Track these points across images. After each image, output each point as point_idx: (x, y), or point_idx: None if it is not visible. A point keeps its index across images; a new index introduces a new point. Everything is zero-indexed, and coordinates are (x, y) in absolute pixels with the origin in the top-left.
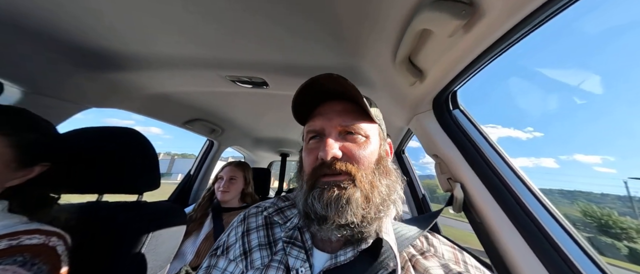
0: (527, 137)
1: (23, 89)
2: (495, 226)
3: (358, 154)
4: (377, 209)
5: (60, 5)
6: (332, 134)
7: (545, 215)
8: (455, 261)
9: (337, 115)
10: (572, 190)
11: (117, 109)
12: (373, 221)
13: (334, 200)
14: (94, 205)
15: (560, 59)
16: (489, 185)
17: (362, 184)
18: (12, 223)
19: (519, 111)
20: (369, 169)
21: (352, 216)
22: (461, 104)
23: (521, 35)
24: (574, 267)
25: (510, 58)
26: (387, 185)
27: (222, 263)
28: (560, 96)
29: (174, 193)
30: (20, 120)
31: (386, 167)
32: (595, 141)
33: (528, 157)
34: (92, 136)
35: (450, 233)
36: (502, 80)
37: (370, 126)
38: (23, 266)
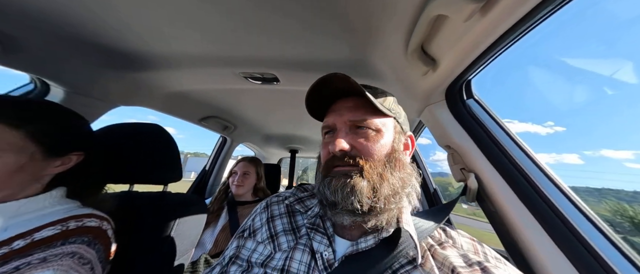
0: (547, 132)
1: (65, 89)
2: (511, 215)
3: (366, 147)
4: (387, 201)
5: (91, 10)
6: (342, 129)
7: (568, 205)
8: (475, 251)
9: (347, 111)
10: (599, 188)
11: (141, 106)
12: (383, 212)
13: (340, 187)
14: (128, 194)
15: (586, 43)
16: (505, 174)
17: (369, 175)
18: (72, 207)
19: (537, 104)
20: (379, 162)
21: (357, 203)
22: (476, 93)
23: (545, 14)
24: (600, 259)
25: (528, 43)
26: (401, 178)
27: (250, 244)
28: (586, 86)
29: (191, 188)
30: (36, 114)
31: (399, 160)
32: (627, 134)
33: (548, 153)
34: (123, 131)
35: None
36: (518, 69)
37: (382, 120)
38: (88, 245)
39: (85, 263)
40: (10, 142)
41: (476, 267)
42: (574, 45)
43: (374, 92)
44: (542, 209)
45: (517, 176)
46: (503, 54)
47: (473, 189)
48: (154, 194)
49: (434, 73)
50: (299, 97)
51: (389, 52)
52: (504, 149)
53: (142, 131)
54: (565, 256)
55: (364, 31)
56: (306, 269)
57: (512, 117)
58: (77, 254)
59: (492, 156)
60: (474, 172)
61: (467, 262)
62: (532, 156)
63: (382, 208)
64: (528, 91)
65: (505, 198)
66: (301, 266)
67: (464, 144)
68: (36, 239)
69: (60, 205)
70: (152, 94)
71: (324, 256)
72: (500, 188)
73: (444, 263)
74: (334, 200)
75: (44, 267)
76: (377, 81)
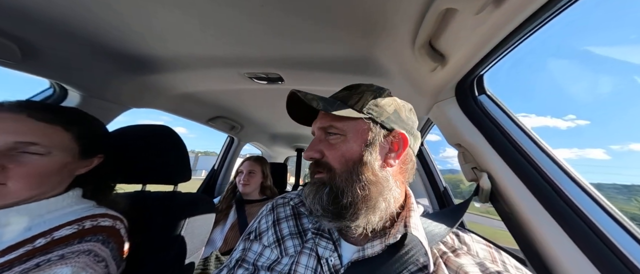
0: (568, 126)
1: (80, 93)
2: (528, 217)
3: (331, 154)
4: (356, 208)
5: (104, 16)
6: (317, 136)
7: (591, 204)
8: (492, 260)
9: (320, 117)
10: (628, 184)
11: (152, 108)
12: (358, 217)
13: (307, 195)
14: (140, 194)
15: (614, 29)
16: (521, 174)
17: (333, 183)
18: (87, 207)
19: (556, 96)
20: (344, 168)
21: (320, 209)
22: (488, 89)
23: (567, 2)
24: (628, 262)
25: (548, 34)
26: (372, 183)
27: (256, 247)
28: (613, 76)
29: (201, 187)
30: (79, 118)
31: (367, 165)
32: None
33: (570, 148)
34: (134, 133)
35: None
36: (536, 60)
37: (348, 124)
38: (103, 243)
39: (100, 261)
40: (63, 142)
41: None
42: (600, 32)
43: (351, 92)
44: (561, 209)
45: (533, 175)
46: (520, 46)
47: (486, 189)
48: (164, 194)
49: (443, 69)
50: None
51: (395, 48)
52: (519, 147)
53: (152, 132)
54: (588, 258)
55: (369, 28)
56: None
57: (528, 111)
58: (92, 252)
59: (506, 154)
60: (487, 171)
61: (485, 271)
62: (550, 153)
63: (353, 213)
64: (547, 83)
65: (521, 198)
66: (307, 271)
67: (476, 142)
68: (56, 237)
69: (77, 205)
70: (161, 95)
71: (329, 262)
72: (515, 188)
73: (458, 272)
74: (307, 206)
75: (63, 264)
76: (383, 79)
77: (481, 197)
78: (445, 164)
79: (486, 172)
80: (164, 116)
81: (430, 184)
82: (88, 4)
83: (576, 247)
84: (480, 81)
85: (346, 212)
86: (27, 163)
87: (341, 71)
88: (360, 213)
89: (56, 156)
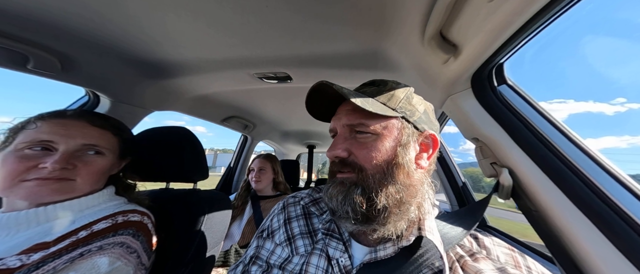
0: (617, 111)
1: (110, 99)
2: (557, 215)
3: (363, 154)
4: (388, 212)
5: (128, 28)
6: (341, 134)
7: (631, 200)
8: (515, 265)
9: (345, 114)
10: None
11: (171, 110)
12: (387, 223)
13: (334, 196)
14: (164, 192)
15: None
16: (547, 169)
17: (365, 184)
18: (119, 203)
19: (598, 79)
20: (377, 169)
21: (351, 211)
22: (509, 78)
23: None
24: None
25: (583, 10)
26: (406, 186)
27: (268, 245)
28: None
29: (219, 183)
30: (120, 125)
31: (401, 167)
32: None
33: (619, 135)
34: (155, 134)
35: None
36: (569, 41)
37: (383, 123)
38: (133, 236)
39: (132, 252)
40: (113, 145)
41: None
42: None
43: (380, 89)
44: (595, 206)
45: (562, 170)
46: (548, 27)
47: (507, 185)
48: (185, 192)
49: (456, 60)
50: None
51: (404, 41)
52: (546, 140)
53: (171, 134)
54: (622, 254)
55: (376, 21)
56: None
57: (565, 97)
58: (125, 244)
59: (530, 148)
60: (508, 166)
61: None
62: (582, 146)
63: (384, 218)
64: (585, 64)
65: (547, 195)
66: (318, 271)
67: (495, 136)
68: (95, 230)
69: (111, 202)
70: (179, 98)
71: (340, 263)
72: (541, 184)
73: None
74: (332, 207)
75: (101, 254)
76: (394, 73)
77: (501, 194)
78: (466, 157)
79: (507, 167)
80: (186, 116)
81: (447, 180)
82: (114, 18)
83: (612, 246)
84: (499, 70)
85: (378, 216)
86: (92, 162)
87: (349, 67)
88: (392, 218)
89: (109, 156)
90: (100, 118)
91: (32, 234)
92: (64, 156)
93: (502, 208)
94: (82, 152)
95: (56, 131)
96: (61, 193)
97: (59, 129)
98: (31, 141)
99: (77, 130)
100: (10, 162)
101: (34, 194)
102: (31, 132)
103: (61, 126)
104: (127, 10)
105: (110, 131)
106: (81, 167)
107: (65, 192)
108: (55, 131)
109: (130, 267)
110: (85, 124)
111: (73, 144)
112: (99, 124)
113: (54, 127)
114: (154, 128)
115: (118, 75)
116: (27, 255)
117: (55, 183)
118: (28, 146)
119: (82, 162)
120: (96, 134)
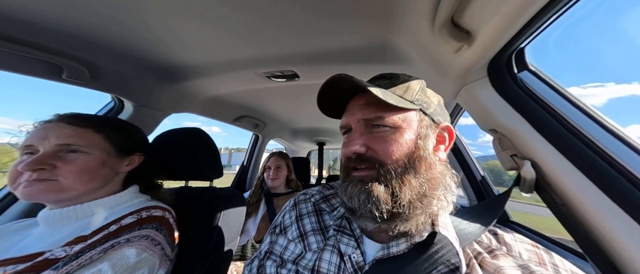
0: None
1: (133, 103)
2: (588, 209)
3: (383, 148)
4: (412, 206)
5: (142, 32)
6: (357, 129)
7: None
8: (539, 262)
9: (359, 109)
10: None
11: (186, 112)
12: (410, 218)
13: (356, 195)
14: (184, 190)
15: None
16: (576, 159)
17: (387, 180)
18: (143, 200)
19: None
20: (399, 164)
21: (375, 210)
22: (531, 63)
23: None
24: None
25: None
26: (428, 179)
27: (281, 241)
28: None
29: (234, 181)
30: (105, 122)
31: (424, 160)
32: None
33: None
34: (172, 135)
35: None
36: (609, 12)
37: (401, 115)
38: (157, 230)
39: (157, 244)
40: (97, 142)
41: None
42: None
43: (393, 81)
44: (633, 198)
45: (593, 160)
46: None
47: (529, 179)
48: (202, 190)
49: (470, 48)
50: None
51: (413, 31)
52: (574, 128)
53: (187, 134)
54: None
55: (383, 12)
56: (336, 270)
57: (604, 80)
58: (149, 237)
59: (555, 137)
60: (530, 158)
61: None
62: (619, 133)
63: (408, 213)
64: (625, 40)
65: (577, 188)
66: (331, 267)
67: (515, 126)
68: (123, 224)
69: (136, 199)
70: (193, 100)
71: (352, 259)
72: (569, 176)
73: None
74: (352, 207)
75: (129, 246)
76: (403, 65)
77: (523, 188)
78: (486, 149)
79: (529, 159)
80: (201, 117)
81: (464, 174)
82: (135, 27)
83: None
84: (520, 56)
85: (403, 212)
86: (73, 161)
87: (357, 61)
88: (415, 212)
89: (94, 153)
90: (79, 118)
91: (74, 229)
92: (38, 158)
93: (528, 203)
94: (61, 153)
95: (36, 135)
96: (49, 192)
97: (39, 133)
98: (22, 147)
99: (53, 131)
100: (11, 167)
101: (25, 194)
102: (24, 139)
103: (41, 130)
104: (146, 19)
105: (90, 128)
106: (61, 166)
107: (53, 192)
108: (36, 136)
109: (156, 258)
110: (62, 125)
111: (48, 145)
112: (76, 123)
113: (36, 132)
114: (171, 130)
115: (138, 80)
116: (70, 247)
117: (39, 184)
118: (22, 152)
119: (62, 162)
120: (71, 133)
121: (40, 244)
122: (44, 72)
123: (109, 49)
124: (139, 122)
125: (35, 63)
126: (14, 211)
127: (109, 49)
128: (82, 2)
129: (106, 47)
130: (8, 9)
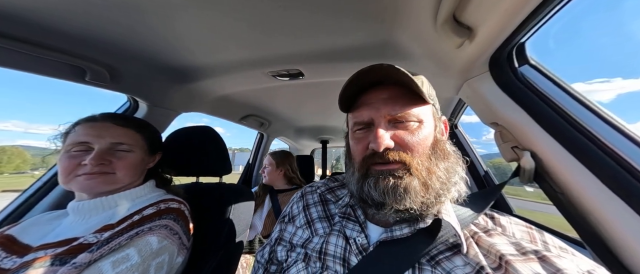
0: None
1: (147, 103)
2: (585, 196)
3: (411, 141)
4: (436, 194)
5: (153, 35)
6: (381, 124)
7: None
8: (531, 240)
9: (384, 104)
10: None
11: (195, 112)
12: (433, 205)
13: (391, 189)
14: (196, 185)
15: None
16: (573, 149)
17: (418, 172)
18: (161, 194)
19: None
20: (425, 155)
21: (411, 203)
22: (532, 57)
23: None
24: None
25: None
26: (446, 168)
27: (290, 228)
28: None
29: (240, 179)
30: (140, 123)
31: (443, 150)
32: None
33: None
34: (184, 133)
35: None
36: (613, 6)
37: (422, 109)
38: (174, 221)
39: (175, 234)
40: (139, 141)
41: (532, 256)
42: None
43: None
44: (628, 185)
45: (590, 149)
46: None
47: (528, 168)
48: (213, 185)
49: (471, 43)
50: (324, 89)
51: (416, 28)
52: (572, 119)
53: (197, 132)
54: None
55: (385, 9)
56: (342, 251)
57: (610, 76)
58: (168, 226)
59: (554, 128)
60: (530, 149)
61: (520, 250)
62: (617, 124)
63: (433, 201)
64: (634, 34)
65: (574, 176)
66: (337, 249)
67: (516, 119)
68: (145, 215)
69: (154, 192)
70: (202, 100)
71: (357, 241)
72: (566, 165)
73: (490, 250)
74: (383, 201)
75: (152, 234)
76: (406, 62)
77: (523, 178)
78: (490, 147)
79: (528, 150)
80: (205, 117)
81: (468, 169)
82: (150, 32)
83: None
84: (520, 50)
85: (433, 201)
86: (124, 157)
87: (360, 59)
88: (440, 200)
89: (137, 151)
90: (122, 119)
91: (101, 218)
92: (99, 154)
93: (537, 201)
94: (113, 149)
95: (89, 133)
96: (107, 184)
97: (91, 131)
98: (73, 142)
99: (105, 131)
100: (64, 161)
101: (86, 186)
102: (73, 136)
103: (92, 129)
104: (166, 25)
105: (132, 129)
106: (116, 162)
107: (110, 184)
108: (89, 133)
109: (175, 246)
110: (110, 125)
111: (104, 143)
112: (122, 124)
113: (87, 130)
114: (182, 128)
115: (154, 82)
116: (100, 234)
117: (99, 176)
118: (73, 147)
119: (115, 158)
120: (121, 132)
121: (73, 231)
122: (69, 75)
123: (128, 52)
124: (153, 122)
125: (62, 67)
126: (45, 203)
127: (129, 52)
128: (108, 14)
129: (126, 51)
130: (43, 20)
